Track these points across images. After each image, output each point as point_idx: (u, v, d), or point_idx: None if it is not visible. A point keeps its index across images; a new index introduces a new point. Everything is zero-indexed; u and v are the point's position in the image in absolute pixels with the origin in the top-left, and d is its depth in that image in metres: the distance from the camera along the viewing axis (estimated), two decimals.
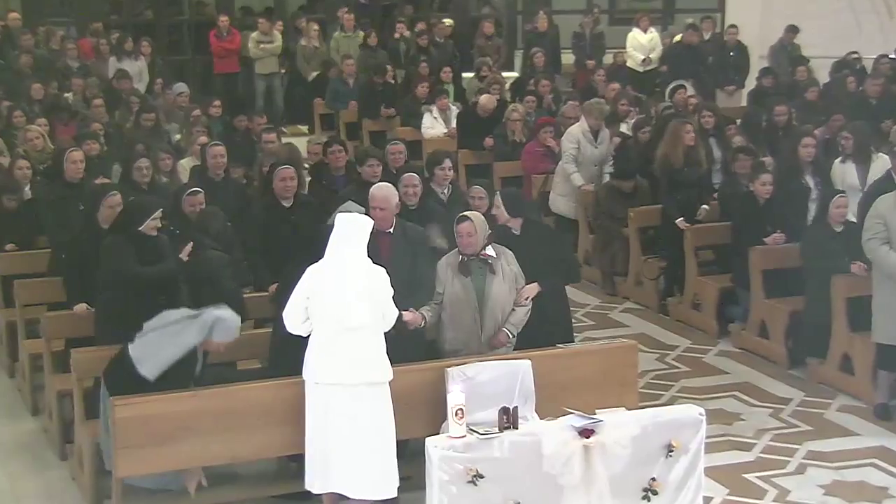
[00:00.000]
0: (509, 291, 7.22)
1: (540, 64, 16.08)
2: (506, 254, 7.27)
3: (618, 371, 7.22)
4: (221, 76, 17.76)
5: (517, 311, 7.23)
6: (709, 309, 10.13)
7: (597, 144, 11.57)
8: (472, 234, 7.10)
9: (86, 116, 12.23)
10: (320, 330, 6.37)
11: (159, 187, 9.61)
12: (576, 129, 11.60)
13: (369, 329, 6.36)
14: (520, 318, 7.24)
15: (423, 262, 7.26)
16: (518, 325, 7.24)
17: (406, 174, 8.26)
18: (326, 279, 6.37)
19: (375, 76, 15.30)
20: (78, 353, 7.26)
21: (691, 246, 10.33)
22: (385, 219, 7.16)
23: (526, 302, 7.27)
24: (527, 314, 7.26)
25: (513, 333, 7.21)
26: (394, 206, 7.25)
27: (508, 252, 7.30)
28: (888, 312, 7.99)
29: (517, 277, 7.27)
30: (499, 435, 6.17)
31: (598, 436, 6.23)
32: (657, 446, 6.39)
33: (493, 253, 7.20)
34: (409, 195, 8.11)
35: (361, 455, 6.33)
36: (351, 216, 6.56)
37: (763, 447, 7.83)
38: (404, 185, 8.11)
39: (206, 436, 6.50)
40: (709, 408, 7.34)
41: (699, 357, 9.62)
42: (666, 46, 17.11)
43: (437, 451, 6.07)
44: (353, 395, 6.32)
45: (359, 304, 6.32)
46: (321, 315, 6.35)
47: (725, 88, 16.29)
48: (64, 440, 7.73)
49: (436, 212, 8.30)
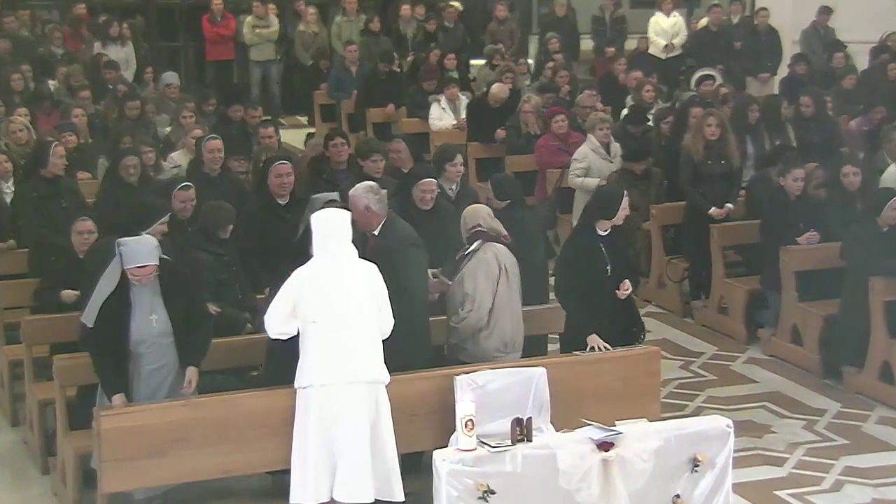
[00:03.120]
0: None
1: (556, 50, 16.08)
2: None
3: (639, 379, 7.23)
4: (215, 64, 17.78)
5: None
6: (737, 313, 10.13)
7: (611, 158, 11.52)
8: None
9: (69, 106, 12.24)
10: (316, 332, 6.41)
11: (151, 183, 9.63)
12: (584, 147, 11.60)
13: (370, 326, 6.46)
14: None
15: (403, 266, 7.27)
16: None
17: (426, 179, 8.34)
18: (321, 280, 6.43)
19: (381, 63, 15.27)
20: (61, 359, 7.29)
21: (718, 245, 10.33)
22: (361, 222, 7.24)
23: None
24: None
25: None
26: (361, 209, 7.26)
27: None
28: None
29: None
30: (511, 448, 6.18)
31: (617, 449, 6.24)
32: (681, 460, 6.40)
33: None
34: (427, 200, 8.22)
35: (366, 458, 6.37)
36: (331, 211, 6.66)
37: (796, 462, 7.83)
38: (422, 190, 8.23)
39: (198, 448, 6.53)
40: (737, 419, 7.32)
41: (726, 365, 9.62)
42: (690, 31, 17.10)
43: (446, 464, 6.08)
44: (355, 394, 6.38)
45: (360, 301, 6.42)
46: (317, 316, 6.40)
47: (758, 76, 16.25)
48: (46, 453, 7.75)
49: (448, 213, 8.35)
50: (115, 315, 6.72)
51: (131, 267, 6.71)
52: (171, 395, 6.80)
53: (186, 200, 8.45)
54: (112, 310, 6.72)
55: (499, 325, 7.26)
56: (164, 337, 6.81)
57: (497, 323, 7.25)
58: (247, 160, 10.72)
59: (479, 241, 7.36)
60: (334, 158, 9.98)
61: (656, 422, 6.76)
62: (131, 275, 6.72)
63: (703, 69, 14.41)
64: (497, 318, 7.25)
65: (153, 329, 6.78)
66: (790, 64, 15.08)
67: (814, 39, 16.38)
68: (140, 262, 6.71)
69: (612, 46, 16.69)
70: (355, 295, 6.46)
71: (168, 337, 6.82)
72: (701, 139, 10.56)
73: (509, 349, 7.33)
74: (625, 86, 14.38)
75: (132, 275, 6.72)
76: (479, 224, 7.41)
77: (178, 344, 6.85)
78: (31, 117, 11.95)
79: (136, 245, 6.77)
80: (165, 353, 6.82)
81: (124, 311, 6.75)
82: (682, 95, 13.41)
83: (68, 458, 7.10)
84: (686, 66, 16.55)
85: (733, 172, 10.70)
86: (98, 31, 16.14)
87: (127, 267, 6.71)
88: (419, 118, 14.35)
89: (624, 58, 15.77)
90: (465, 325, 7.26)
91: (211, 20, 17.53)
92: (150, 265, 6.74)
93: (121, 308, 6.74)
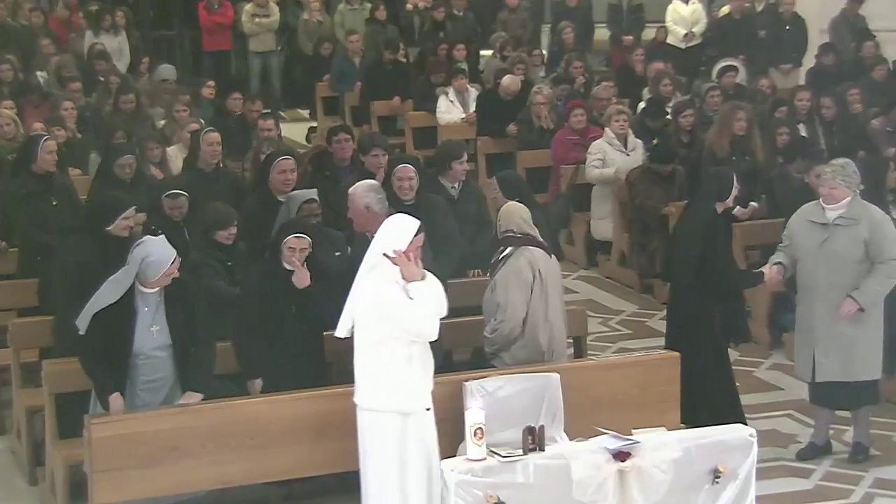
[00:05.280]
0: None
1: (569, 40, 16.08)
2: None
3: (657, 386, 7.24)
4: (212, 55, 17.80)
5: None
6: (760, 317, 10.13)
7: (628, 151, 11.51)
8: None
9: (58, 98, 12.26)
10: (399, 348, 6.18)
11: (146, 181, 9.65)
12: (599, 141, 11.61)
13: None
14: None
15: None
16: None
17: (401, 165, 8.24)
18: (397, 287, 6.22)
19: (386, 51, 15.25)
20: (51, 364, 7.30)
21: (740, 246, 10.31)
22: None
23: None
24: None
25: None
26: (360, 209, 7.29)
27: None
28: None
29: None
30: (523, 458, 6.19)
31: (634, 459, 6.24)
32: (702, 471, 6.40)
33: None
34: (405, 189, 8.14)
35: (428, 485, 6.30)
36: (401, 217, 6.47)
37: (823, 474, 7.82)
38: (398, 178, 8.15)
39: (194, 458, 6.54)
40: (760, 428, 7.34)
41: (749, 371, 9.61)
42: (711, 19, 17.08)
43: (454, 475, 6.09)
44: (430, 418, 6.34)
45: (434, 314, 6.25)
46: (393, 329, 6.20)
47: (780, 67, 16.21)
48: (34, 463, 7.76)
49: (436, 208, 8.29)
50: (117, 324, 6.68)
51: (166, 268, 6.65)
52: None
53: (175, 209, 8.42)
54: (112, 318, 6.67)
55: (533, 334, 7.25)
56: (163, 350, 6.79)
57: (532, 332, 7.23)
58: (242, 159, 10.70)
59: (512, 248, 7.32)
60: (338, 154, 9.94)
61: (675, 430, 6.75)
62: (163, 278, 6.66)
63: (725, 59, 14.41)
64: (531, 327, 7.23)
65: (153, 340, 6.76)
66: (817, 55, 15.06)
67: (843, 28, 16.29)
68: (171, 258, 6.67)
69: (629, 36, 16.69)
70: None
71: (166, 350, 6.79)
72: (727, 134, 10.56)
73: (547, 358, 7.27)
74: (642, 77, 14.37)
75: (165, 277, 6.67)
76: (512, 229, 7.37)
77: (177, 359, 6.82)
78: (18, 110, 11.98)
79: (160, 245, 6.72)
80: (163, 366, 6.80)
81: (128, 320, 6.71)
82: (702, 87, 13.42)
83: (58, 468, 7.11)
84: (706, 56, 16.54)
85: (757, 170, 10.70)
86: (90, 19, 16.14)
87: (161, 271, 6.64)
88: (426, 111, 14.36)
89: (642, 48, 15.77)
90: (498, 336, 7.25)
91: (207, 8, 17.49)
92: (178, 259, 6.74)
93: (124, 317, 6.70)
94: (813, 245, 7.84)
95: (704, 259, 7.75)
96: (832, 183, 7.81)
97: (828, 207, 7.84)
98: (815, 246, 7.83)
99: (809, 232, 7.89)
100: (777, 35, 16.41)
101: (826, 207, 7.85)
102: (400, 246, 6.17)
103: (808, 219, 7.94)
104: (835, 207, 7.82)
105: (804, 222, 7.96)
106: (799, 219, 8.04)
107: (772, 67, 16.05)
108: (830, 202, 7.82)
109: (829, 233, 7.80)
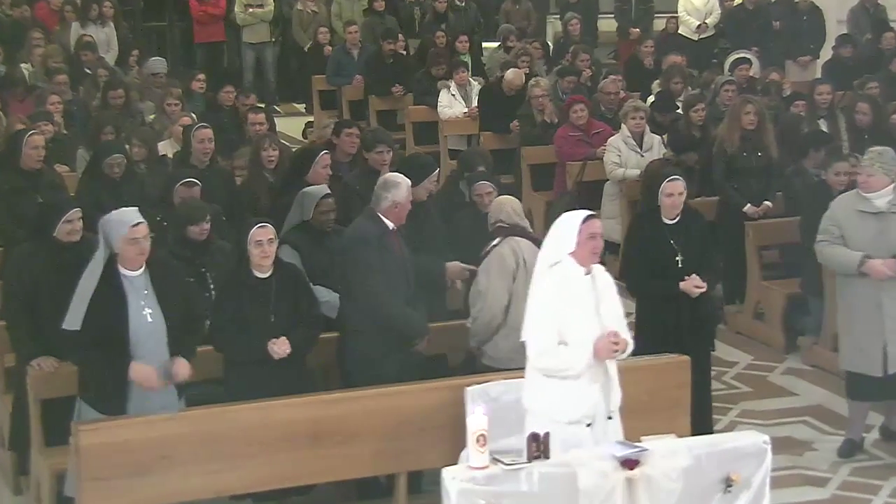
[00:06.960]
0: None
1: (576, 32, 16.08)
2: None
3: (667, 391, 7.25)
4: (204, 46, 17.81)
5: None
6: (774, 319, 10.13)
7: (643, 151, 11.49)
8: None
9: (44, 92, 12.25)
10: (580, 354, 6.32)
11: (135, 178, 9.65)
12: (615, 138, 11.61)
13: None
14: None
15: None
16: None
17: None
18: (570, 292, 6.28)
19: (385, 42, 15.24)
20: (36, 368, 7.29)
21: (754, 245, 10.33)
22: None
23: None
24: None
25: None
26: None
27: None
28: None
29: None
30: (527, 465, 6.18)
31: (643, 467, 6.24)
32: (713, 480, 6.40)
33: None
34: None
35: None
36: (571, 213, 6.44)
37: (840, 483, 7.84)
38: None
39: (186, 466, 6.54)
40: (775, 435, 7.33)
41: (763, 375, 9.63)
42: (725, 10, 17.07)
43: (456, 483, 6.09)
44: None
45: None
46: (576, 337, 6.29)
47: (798, 59, 16.20)
48: (18, 472, 7.77)
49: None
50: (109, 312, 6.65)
51: (127, 228, 6.62)
52: (160, 400, 6.75)
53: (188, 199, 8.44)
54: (102, 305, 6.65)
55: (516, 322, 7.23)
56: (157, 334, 6.78)
57: (515, 321, 7.20)
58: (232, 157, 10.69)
59: (499, 238, 7.44)
60: (344, 149, 9.88)
61: (686, 437, 6.76)
62: (128, 245, 6.64)
63: (739, 51, 14.39)
64: (514, 315, 7.23)
65: (148, 325, 6.74)
66: (835, 46, 15.05)
67: (863, 19, 16.28)
68: (134, 219, 6.65)
69: (638, 27, 16.69)
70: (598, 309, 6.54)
71: (160, 334, 6.79)
72: (737, 129, 10.56)
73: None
74: (651, 70, 14.36)
75: (129, 243, 6.64)
76: (502, 219, 7.55)
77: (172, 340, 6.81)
78: (2, 104, 11.98)
79: (117, 214, 6.73)
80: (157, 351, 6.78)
81: (119, 308, 6.69)
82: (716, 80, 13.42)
83: (43, 477, 7.11)
84: (719, 48, 16.53)
85: (771, 166, 10.70)
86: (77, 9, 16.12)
87: (121, 234, 6.62)
88: (427, 106, 14.36)
89: (651, 39, 15.77)
90: (478, 324, 7.32)
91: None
92: (143, 222, 6.72)
93: (115, 305, 6.68)
94: (868, 235, 7.83)
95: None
96: (870, 170, 7.81)
97: (870, 196, 7.82)
98: (871, 236, 7.82)
99: (861, 222, 7.87)
100: (793, 26, 16.39)
101: (868, 196, 7.83)
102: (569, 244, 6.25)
103: (857, 209, 7.90)
104: (879, 195, 7.81)
105: (853, 213, 7.93)
106: (845, 209, 8.00)
107: (788, 60, 16.04)
108: (867, 190, 7.81)
109: (884, 221, 7.80)
